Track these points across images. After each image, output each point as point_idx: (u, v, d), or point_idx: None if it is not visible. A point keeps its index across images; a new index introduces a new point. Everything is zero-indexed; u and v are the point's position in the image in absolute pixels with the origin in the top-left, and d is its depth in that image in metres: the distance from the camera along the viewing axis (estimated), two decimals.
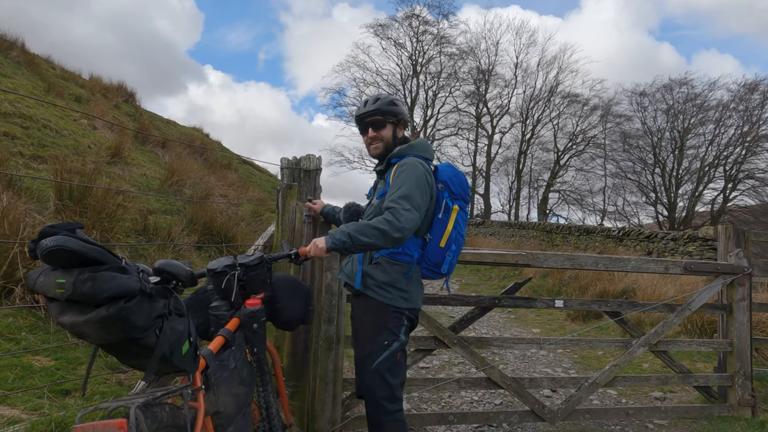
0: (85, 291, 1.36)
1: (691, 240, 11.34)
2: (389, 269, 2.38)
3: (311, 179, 3.67)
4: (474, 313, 3.68)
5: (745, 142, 27.27)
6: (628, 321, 3.96)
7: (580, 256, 3.82)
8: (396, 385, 2.33)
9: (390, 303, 2.36)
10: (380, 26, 34.21)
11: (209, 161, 11.66)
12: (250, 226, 7.23)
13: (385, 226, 2.16)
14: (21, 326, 3.29)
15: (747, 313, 4.13)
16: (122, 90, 13.44)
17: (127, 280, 1.42)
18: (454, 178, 2.45)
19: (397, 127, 2.56)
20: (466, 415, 3.54)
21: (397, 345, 2.34)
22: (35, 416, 2.42)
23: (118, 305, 1.39)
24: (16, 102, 7.45)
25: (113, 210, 5.05)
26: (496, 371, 3.59)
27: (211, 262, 2.17)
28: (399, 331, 2.36)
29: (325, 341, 3.17)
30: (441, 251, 2.39)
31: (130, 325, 1.42)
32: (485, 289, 11.26)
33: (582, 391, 3.72)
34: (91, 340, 1.48)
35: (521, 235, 19.24)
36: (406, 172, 2.33)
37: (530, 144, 34.57)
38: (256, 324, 2.13)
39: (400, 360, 2.36)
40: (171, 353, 1.56)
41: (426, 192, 2.33)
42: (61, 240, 1.35)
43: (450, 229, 2.39)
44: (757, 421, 3.94)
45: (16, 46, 10.77)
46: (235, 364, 1.97)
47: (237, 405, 1.94)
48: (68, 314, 1.40)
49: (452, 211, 2.40)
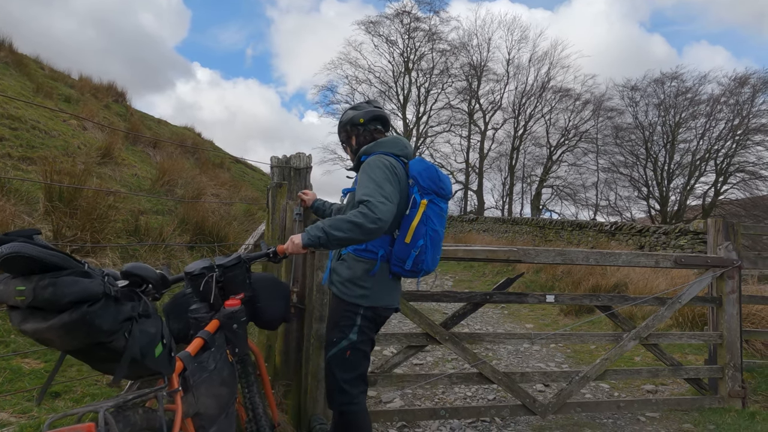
0: (47, 296, 1.33)
1: (682, 234, 11.42)
2: (353, 265, 2.39)
3: (302, 177, 3.66)
4: (465, 309, 3.69)
5: (735, 136, 27.48)
6: (619, 315, 3.98)
7: (571, 251, 3.83)
8: (346, 379, 2.37)
9: (348, 300, 2.37)
10: (371, 23, 34.17)
11: (201, 161, 11.61)
12: (242, 226, 7.21)
13: (360, 219, 2.16)
14: (10, 329, 3.27)
15: (737, 305, 4.17)
16: (112, 90, 13.36)
17: (89, 284, 1.40)
18: (423, 172, 2.41)
19: (350, 136, 2.68)
20: (458, 410, 3.56)
21: (345, 343, 2.36)
22: (24, 419, 2.41)
23: (82, 309, 1.36)
24: (4, 103, 7.38)
25: (104, 211, 5.02)
26: (488, 366, 3.60)
27: (188, 265, 2.16)
28: (349, 330, 2.36)
29: (316, 339, 3.17)
30: (406, 247, 2.35)
31: (95, 329, 1.40)
32: (479, 285, 11.29)
33: (573, 385, 3.74)
34: (56, 347, 1.45)
35: (514, 231, 19.30)
36: (371, 167, 2.35)
37: (523, 140, 34.66)
38: (236, 324, 2.13)
39: (350, 357, 2.37)
40: (143, 356, 1.54)
41: (395, 183, 2.33)
42: (17, 246, 1.33)
43: (415, 224, 2.35)
44: (747, 412, 3.98)
45: (4, 47, 10.67)
46: (215, 365, 1.96)
47: (219, 406, 1.94)
48: (31, 321, 1.37)
49: (420, 205, 2.36)
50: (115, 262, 4.71)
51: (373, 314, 2.41)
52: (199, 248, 5.99)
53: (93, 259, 4.53)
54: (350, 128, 2.65)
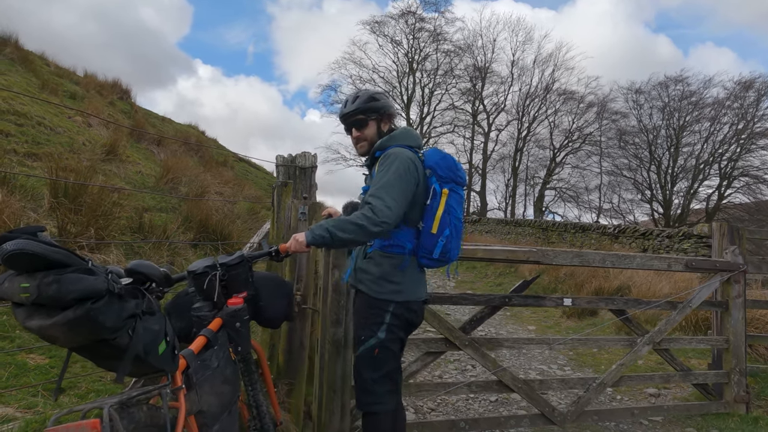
0: (51, 294, 1.34)
1: (686, 237, 11.39)
2: (382, 262, 2.36)
3: (307, 176, 3.67)
4: (484, 312, 3.57)
5: (739, 140, 27.38)
6: (632, 319, 3.94)
7: (588, 253, 3.80)
8: (373, 379, 2.34)
9: (380, 297, 2.34)
10: (376, 23, 34.16)
11: (205, 159, 11.63)
12: (246, 224, 7.22)
13: (363, 221, 2.16)
14: (15, 324, 3.28)
15: (742, 309, 4.16)
16: (117, 87, 13.40)
17: (93, 281, 1.40)
18: (440, 161, 2.39)
19: (381, 122, 2.51)
20: (477, 421, 3.42)
21: (373, 342, 2.33)
22: (29, 414, 2.41)
23: (86, 306, 1.37)
24: (10, 99, 7.40)
25: (108, 208, 5.03)
26: (508, 374, 3.49)
27: (191, 264, 2.17)
28: (378, 328, 2.33)
29: (332, 345, 2.97)
30: (433, 237, 2.33)
31: (99, 326, 1.41)
32: (481, 287, 11.28)
33: (590, 392, 3.67)
34: (61, 344, 1.46)
35: (517, 233, 19.27)
36: (387, 163, 2.30)
37: (526, 141, 34.59)
38: (239, 323, 2.13)
39: (378, 356, 2.34)
40: (146, 353, 1.55)
41: (409, 181, 2.29)
42: (22, 244, 1.34)
43: (440, 214, 2.33)
44: (751, 416, 3.97)
45: (10, 43, 10.70)
46: (218, 363, 1.97)
47: (221, 404, 1.94)
48: (35, 318, 1.39)
49: (441, 195, 2.34)
50: (119, 259, 4.72)
51: (404, 310, 2.38)
52: (202, 246, 6.00)
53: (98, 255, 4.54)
54: (377, 116, 2.50)
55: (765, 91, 26.64)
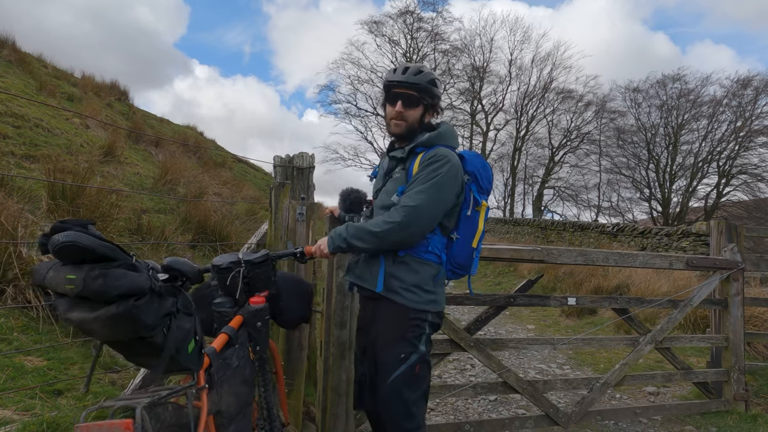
0: (96, 288, 1.34)
1: (684, 235, 11.41)
2: (419, 269, 2.13)
3: (304, 177, 3.66)
4: (488, 313, 3.55)
5: (738, 138, 27.41)
6: (635, 318, 3.94)
7: (592, 252, 3.79)
8: (413, 400, 2.10)
9: (415, 307, 2.11)
10: (375, 23, 34.16)
11: (203, 160, 11.62)
12: (244, 225, 7.20)
13: (389, 226, 2.01)
14: (13, 326, 3.27)
15: (741, 307, 4.16)
16: (115, 88, 13.39)
17: (137, 277, 1.41)
18: (482, 170, 2.19)
19: (427, 111, 2.25)
20: (482, 423, 3.40)
21: (415, 357, 2.09)
22: (27, 417, 2.40)
23: (129, 303, 1.37)
24: (8, 101, 7.39)
25: (107, 209, 5.02)
26: (512, 375, 3.46)
27: (216, 258, 2.13)
28: (419, 341, 2.11)
29: (337, 348, 2.88)
30: (471, 251, 2.18)
31: (139, 324, 1.40)
32: (480, 287, 11.28)
33: (594, 392, 3.66)
34: (99, 337, 1.47)
35: (516, 232, 19.28)
36: (435, 165, 2.08)
37: (525, 140, 34.63)
38: (260, 322, 2.09)
39: (419, 372, 2.11)
40: (177, 352, 1.54)
41: (454, 189, 2.11)
42: (73, 236, 1.34)
43: (482, 228, 2.17)
44: (750, 414, 3.98)
45: (7, 45, 10.68)
46: (238, 362, 1.94)
47: (239, 404, 1.92)
48: (77, 311, 1.39)
49: (482, 207, 2.17)
50: None
51: (438, 320, 2.21)
52: (201, 247, 5.99)
53: None
54: (430, 102, 2.23)
55: (763, 89, 26.68)
